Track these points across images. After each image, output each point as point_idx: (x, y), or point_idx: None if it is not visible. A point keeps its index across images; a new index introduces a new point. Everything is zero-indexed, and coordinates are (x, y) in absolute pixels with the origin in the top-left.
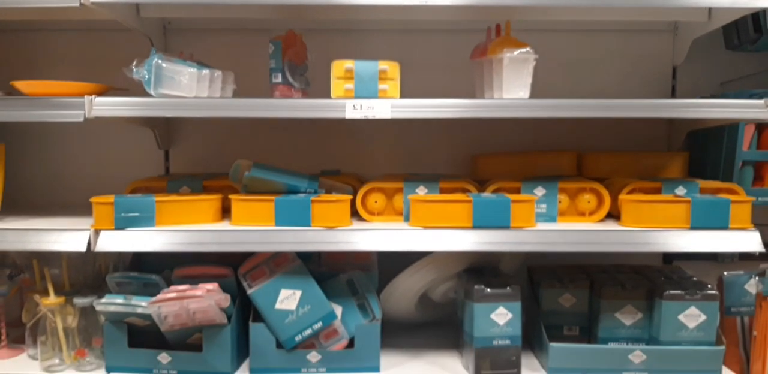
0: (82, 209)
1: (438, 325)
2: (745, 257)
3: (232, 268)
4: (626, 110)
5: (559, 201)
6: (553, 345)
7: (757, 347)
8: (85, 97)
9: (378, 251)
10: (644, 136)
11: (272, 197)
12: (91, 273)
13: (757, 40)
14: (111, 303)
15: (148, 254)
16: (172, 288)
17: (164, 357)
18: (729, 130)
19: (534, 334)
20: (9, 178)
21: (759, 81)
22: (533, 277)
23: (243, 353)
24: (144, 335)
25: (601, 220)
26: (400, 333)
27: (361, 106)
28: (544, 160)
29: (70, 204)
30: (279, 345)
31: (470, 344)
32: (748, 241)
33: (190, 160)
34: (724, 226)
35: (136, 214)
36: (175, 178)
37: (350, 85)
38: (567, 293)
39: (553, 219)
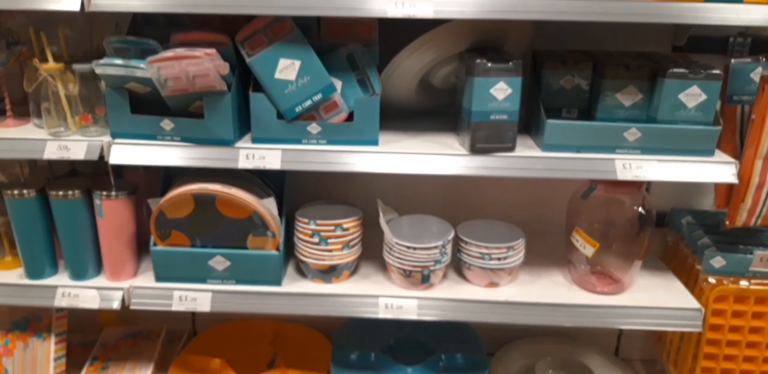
0: None
1: (438, 114)
2: (755, 51)
3: (229, 38)
4: None
5: None
6: (550, 121)
7: (753, 131)
8: None
9: (377, 18)
10: None
11: None
12: (88, 49)
13: None
14: (110, 65)
15: (145, 29)
16: (170, 50)
17: (167, 124)
18: None
19: (533, 117)
20: None
21: None
22: (537, 61)
23: (245, 125)
24: (147, 107)
25: None
26: (400, 118)
27: None
28: None
29: None
30: (280, 117)
31: (467, 119)
32: (762, 14)
33: None
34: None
35: None
36: None
37: None
38: (569, 74)
39: None
